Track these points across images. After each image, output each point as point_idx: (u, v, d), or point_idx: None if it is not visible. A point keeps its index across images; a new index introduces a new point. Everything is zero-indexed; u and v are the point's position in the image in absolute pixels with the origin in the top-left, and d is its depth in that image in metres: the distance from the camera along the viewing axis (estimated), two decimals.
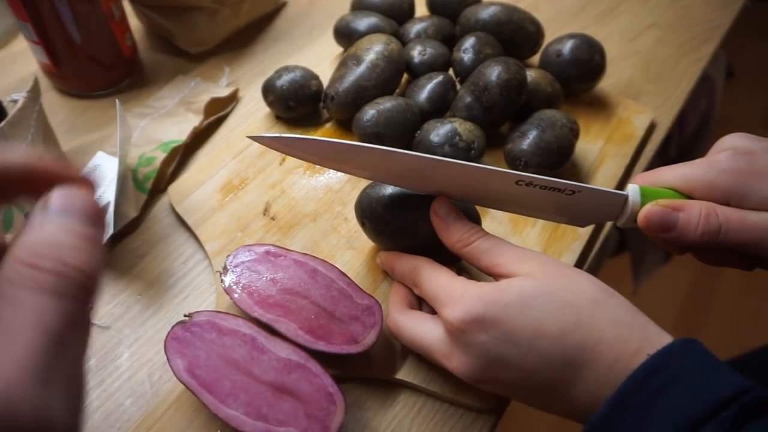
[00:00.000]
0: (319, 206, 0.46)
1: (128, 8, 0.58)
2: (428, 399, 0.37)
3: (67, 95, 0.55)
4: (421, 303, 0.38)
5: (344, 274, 0.38)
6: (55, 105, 0.54)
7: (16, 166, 0.21)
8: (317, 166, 0.48)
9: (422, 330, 0.34)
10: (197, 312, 0.35)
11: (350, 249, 0.43)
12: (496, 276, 0.33)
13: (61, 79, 0.54)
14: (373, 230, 0.39)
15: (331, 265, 0.38)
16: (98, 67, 0.53)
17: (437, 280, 0.34)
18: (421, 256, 0.37)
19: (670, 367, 0.27)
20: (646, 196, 0.35)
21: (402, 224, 0.38)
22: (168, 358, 0.34)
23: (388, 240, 0.39)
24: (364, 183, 0.47)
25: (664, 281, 1.41)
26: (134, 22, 0.60)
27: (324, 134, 0.51)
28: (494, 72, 0.47)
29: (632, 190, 0.35)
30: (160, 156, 0.47)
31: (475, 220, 0.38)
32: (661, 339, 0.29)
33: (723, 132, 0.38)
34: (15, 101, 0.44)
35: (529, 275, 0.31)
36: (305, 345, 0.35)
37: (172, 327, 0.35)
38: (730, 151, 0.34)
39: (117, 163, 0.42)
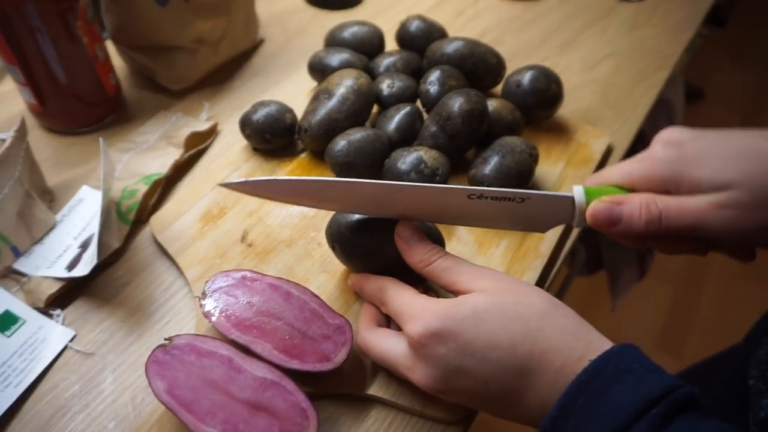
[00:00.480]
0: (294, 232, 0.48)
1: (111, 48, 0.61)
2: (399, 413, 0.39)
3: (52, 132, 0.58)
4: (389, 321, 0.40)
5: (316, 296, 0.40)
6: (41, 142, 0.57)
7: None
8: None
9: (388, 346, 0.36)
10: (177, 336, 0.37)
11: (324, 272, 0.45)
12: (455, 293, 0.36)
13: (48, 117, 0.57)
14: (342, 253, 0.42)
15: (304, 287, 0.41)
16: (83, 106, 0.56)
17: (401, 297, 0.36)
18: (387, 277, 0.39)
19: (608, 370, 0.29)
20: (590, 195, 0.38)
21: (369, 247, 0.40)
22: (149, 380, 0.36)
23: (358, 262, 0.42)
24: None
25: (644, 296, 1.44)
26: (117, 61, 0.63)
27: (299, 164, 0.54)
28: (456, 103, 0.50)
29: (577, 191, 0.38)
30: (143, 188, 0.49)
31: (438, 241, 0.41)
32: (603, 345, 0.31)
33: None
34: (3, 140, 0.46)
35: (484, 291, 0.34)
36: (280, 364, 0.37)
37: (153, 350, 0.37)
38: (662, 143, 0.37)
39: (101, 196, 0.44)
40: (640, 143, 0.72)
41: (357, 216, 0.41)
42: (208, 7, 0.59)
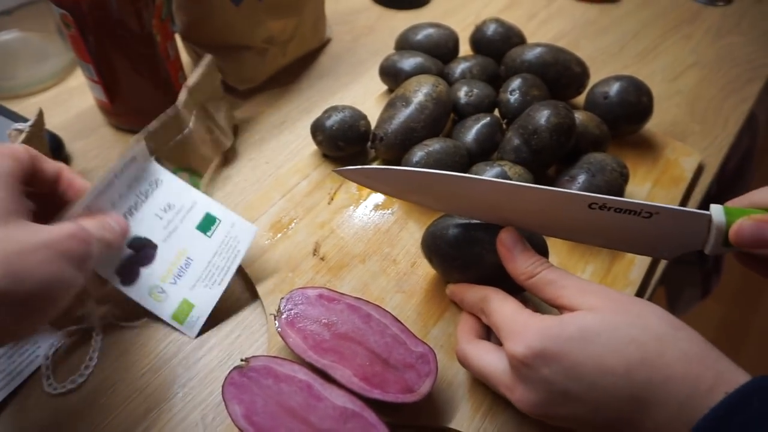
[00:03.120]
0: (368, 247, 0.46)
1: (180, 45, 0.60)
2: None
3: (120, 130, 0.57)
4: (489, 333, 0.38)
5: (397, 320, 0.38)
6: (109, 139, 0.56)
7: (52, 170, 0.36)
8: (366, 206, 0.49)
9: (488, 361, 0.34)
10: (254, 357, 0.36)
11: (399, 292, 0.43)
12: (559, 308, 0.33)
13: (116, 115, 0.56)
14: (440, 265, 0.41)
15: (384, 310, 0.38)
16: (152, 104, 0.55)
17: (503, 311, 0.34)
18: (490, 287, 0.37)
19: (752, 407, 0.26)
20: (731, 215, 0.33)
21: (469, 258, 0.39)
22: (225, 404, 0.34)
23: (456, 273, 0.40)
24: (412, 224, 0.48)
25: (695, 315, 1.38)
26: (185, 58, 0.62)
27: None
28: (544, 116, 0.47)
29: (715, 209, 0.33)
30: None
31: (543, 251, 0.38)
32: (736, 377, 0.28)
33: (764, 165, 0.37)
34: (20, 131, 0.45)
35: (592, 309, 0.31)
36: (360, 393, 0.35)
37: (229, 372, 0.35)
38: None
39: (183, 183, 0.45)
40: (726, 163, 0.68)
41: (453, 229, 0.39)
42: (280, 7, 0.57)
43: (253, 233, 0.43)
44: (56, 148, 0.53)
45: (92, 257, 0.34)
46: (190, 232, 0.43)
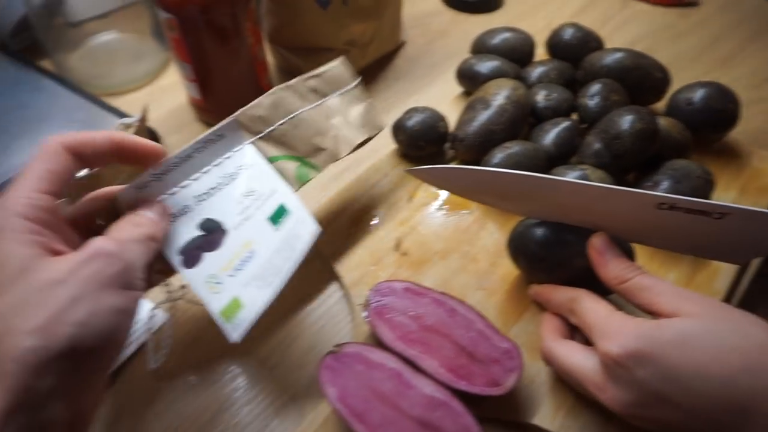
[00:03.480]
0: (448, 245, 0.47)
1: (266, 48, 0.63)
2: None
3: (210, 125, 0.60)
4: (573, 335, 0.38)
5: (482, 316, 0.39)
6: (200, 134, 0.59)
7: (104, 141, 0.31)
8: (446, 206, 0.50)
9: (577, 360, 0.35)
10: (347, 344, 0.38)
11: (480, 290, 0.44)
12: (654, 314, 0.33)
13: (207, 112, 0.59)
14: (527, 266, 0.42)
15: (469, 306, 0.40)
16: (240, 103, 0.58)
17: (597, 310, 0.35)
18: (580, 288, 0.38)
19: None
20: None
21: (557, 260, 0.39)
22: (322, 386, 0.36)
23: (543, 275, 0.41)
24: (490, 224, 0.49)
25: None
26: (270, 60, 0.65)
27: None
28: (627, 121, 0.47)
29: None
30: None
31: (630, 256, 0.39)
32: None
33: None
34: (127, 125, 0.48)
35: (691, 316, 0.31)
36: (447, 383, 0.36)
37: (324, 356, 0.37)
38: None
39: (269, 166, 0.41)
40: None
41: (541, 230, 0.40)
42: (363, 10, 0.59)
43: (313, 233, 0.39)
44: (154, 141, 0.57)
45: (134, 266, 0.29)
46: (261, 223, 0.39)
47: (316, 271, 0.47)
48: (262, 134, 0.42)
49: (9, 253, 0.26)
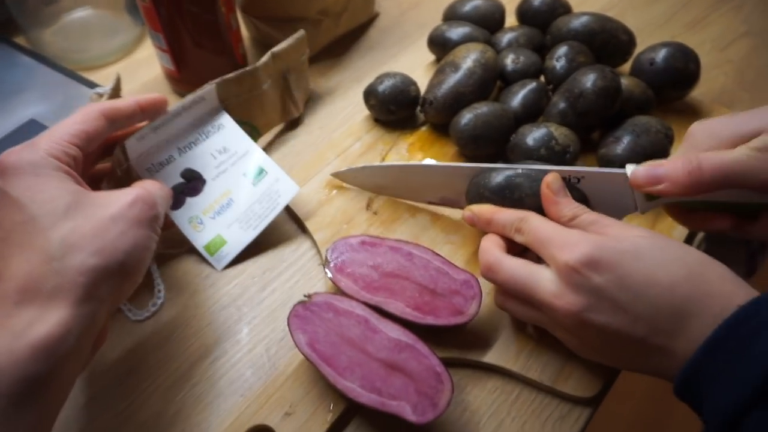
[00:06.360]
0: (418, 203, 0.48)
1: (239, 19, 0.64)
2: (525, 387, 0.39)
3: (183, 97, 0.61)
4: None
5: (438, 254, 0.41)
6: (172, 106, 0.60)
7: (131, 105, 0.40)
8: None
9: (529, 270, 0.36)
10: (316, 293, 0.39)
11: (448, 243, 0.46)
12: None
13: (181, 83, 0.60)
14: None
15: (424, 247, 0.41)
16: (215, 73, 0.58)
17: (550, 226, 0.36)
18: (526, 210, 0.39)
19: (761, 314, 0.28)
20: None
21: (509, 204, 0.40)
22: (291, 333, 0.37)
23: None
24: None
25: None
26: (244, 32, 0.65)
27: (419, 137, 0.54)
28: (590, 79, 0.48)
29: (629, 167, 0.37)
30: None
31: (586, 202, 0.40)
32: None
33: None
34: (100, 94, 0.49)
35: (640, 236, 0.34)
36: (415, 321, 0.38)
37: (294, 305, 0.38)
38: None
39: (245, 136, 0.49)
40: None
41: (496, 175, 0.41)
42: None
43: (294, 191, 0.47)
44: None
45: (161, 216, 0.37)
46: (238, 177, 0.47)
47: (289, 231, 0.49)
48: (227, 102, 0.50)
49: (58, 186, 0.33)
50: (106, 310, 0.33)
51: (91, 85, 0.60)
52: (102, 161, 0.44)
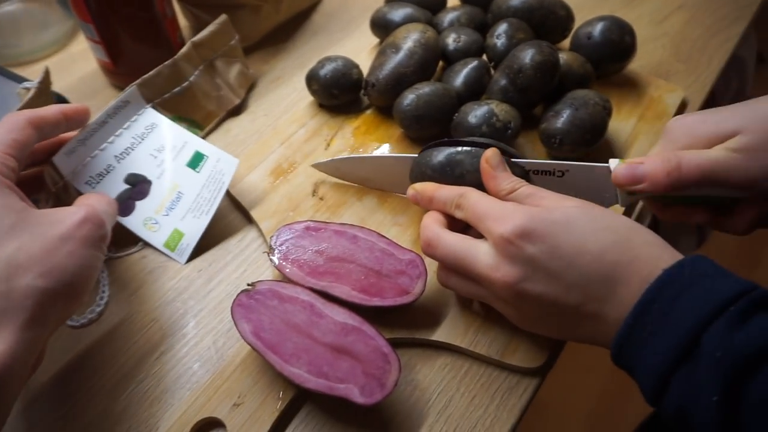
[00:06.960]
0: (365, 187, 0.48)
1: (176, 7, 0.62)
2: (474, 362, 0.39)
3: (122, 90, 0.59)
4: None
5: (383, 236, 0.41)
6: (112, 99, 0.58)
7: (56, 113, 0.39)
8: (362, 151, 0.51)
9: (467, 245, 0.36)
10: (259, 281, 0.38)
11: (396, 225, 0.46)
12: None
13: (118, 75, 0.58)
14: None
15: (369, 229, 0.41)
16: (152, 64, 0.57)
17: (486, 201, 0.36)
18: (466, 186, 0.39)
19: (683, 276, 0.30)
20: None
21: (450, 181, 0.41)
22: (235, 323, 0.37)
23: None
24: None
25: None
26: (182, 20, 0.64)
27: (364, 121, 0.54)
28: (528, 54, 0.49)
29: (613, 162, 0.38)
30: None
31: (526, 177, 0.41)
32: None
33: None
34: (27, 89, 0.47)
35: (573, 206, 0.34)
36: (361, 303, 0.38)
37: (237, 294, 0.38)
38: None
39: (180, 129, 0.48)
40: (711, 101, 0.69)
41: (437, 154, 0.41)
42: None
43: (234, 165, 0.47)
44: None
45: (108, 235, 0.36)
46: (181, 169, 0.47)
47: (235, 221, 0.48)
48: (158, 101, 0.50)
49: (2, 203, 0.32)
50: (50, 333, 0.32)
51: (20, 80, 0.57)
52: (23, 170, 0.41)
